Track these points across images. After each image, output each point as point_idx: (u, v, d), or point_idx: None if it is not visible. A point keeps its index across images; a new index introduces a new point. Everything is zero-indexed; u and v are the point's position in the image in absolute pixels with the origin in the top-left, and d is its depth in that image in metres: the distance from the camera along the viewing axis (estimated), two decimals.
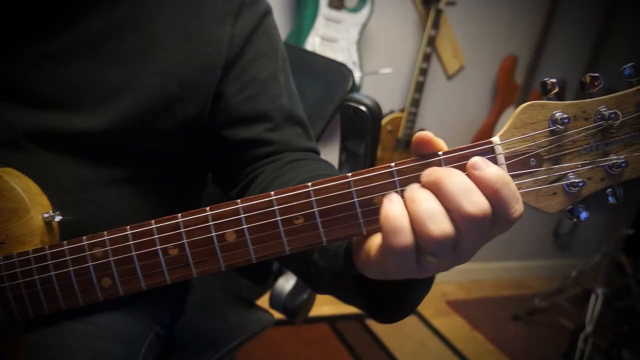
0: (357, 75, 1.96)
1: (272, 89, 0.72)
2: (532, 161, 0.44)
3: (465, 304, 2.60)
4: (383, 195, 0.44)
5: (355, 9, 1.92)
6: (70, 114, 0.62)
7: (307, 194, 0.46)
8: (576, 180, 0.43)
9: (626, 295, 2.50)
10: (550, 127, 0.43)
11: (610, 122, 0.43)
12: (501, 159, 0.43)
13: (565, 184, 0.44)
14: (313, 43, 1.86)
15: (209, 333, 0.98)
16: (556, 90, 0.44)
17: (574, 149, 0.44)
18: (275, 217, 0.46)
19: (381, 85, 2.18)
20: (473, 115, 2.47)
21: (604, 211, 2.96)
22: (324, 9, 1.85)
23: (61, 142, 0.63)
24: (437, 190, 0.40)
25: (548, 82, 0.45)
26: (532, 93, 2.51)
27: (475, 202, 0.39)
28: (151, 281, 0.49)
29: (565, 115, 0.43)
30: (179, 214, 0.48)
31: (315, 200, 0.46)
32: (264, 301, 1.10)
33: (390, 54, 2.17)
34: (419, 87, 2.16)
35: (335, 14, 1.88)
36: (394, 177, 0.44)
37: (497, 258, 2.88)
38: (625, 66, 0.44)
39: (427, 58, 2.13)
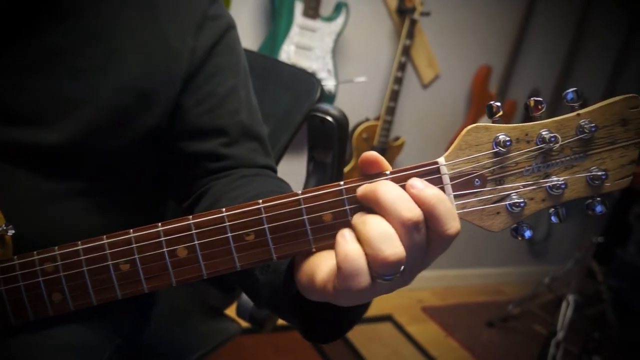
0: (331, 83, 1.98)
1: (232, 103, 0.72)
2: (477, 181, 0.45)
3: (440, 310, 2.63)
4: (332, 213, 0.45)
5: (330, 18, 1.94)
6: (27, 127, 0.62)
7: (257, 211, 0.46)
8: (518, 201, 0.45)
9: (597, 301, 2.55)
10: (494, 149, 0.45)
11: (550, 145, 0.44)
12: (446, 179, 0.44)
13: (508, 204, 0.45)
14: (288, 51, 1.87)
15: (175, 343, 0.98)
16: (501, 113, 0.46)
17: (517, 170, 0.45)
18: (227, 234, 0.47)
19: (356, 93, 2.20)
20: (448, 124, 2.50)
21: (576, 219, 3.01)
22: (298, 17, 1.86)
23: (17, 155, 0.62)
24: (374, 201, 0.42)
25: (493, 105, 0.46)
26: (507, 102, 2.55)
27: (411, 209, 0.40)
28: (102, 296, 0.49)
29: (508, 138, 0.44)
30: (131, 229, 0.48)
31: (266, 217, 0.46)
32: (232, 310, 1.10)
33: (365, 63, 2.19)
34: (394, 96, 2.18)
35: (309, 22, 1.89)
36: (342, 195, 0.45)
37: (472, 265, 2.91)
38: (568, 91, 0.46)
39: (402, 67, 2.15)
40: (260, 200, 0.46)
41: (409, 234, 0.40)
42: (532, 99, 0.46)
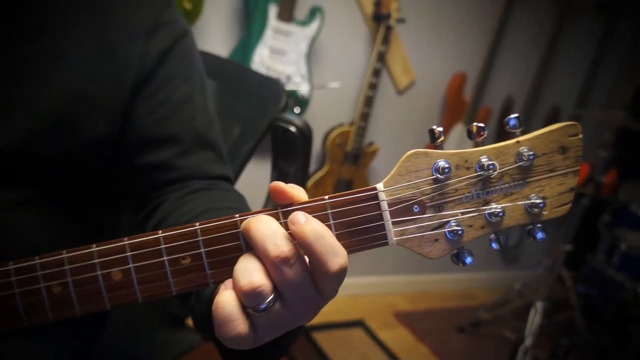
0: (305, 88, 1.97)
1: (186, 111, 0.71)
2: (415, 208, 0.44)
3: (411, 315, 2.64)
4: None
5: (305, 22, 1.93)
6: None
7: (194, 234, 0.45)
8: (457, 228, 0.44)
9: (567, 307, 2.58)
10: (433, 175, 0.44)
11: (488, 172, 0.44)
12: (384, 205, 0.44)
13: (447, 230, 0.45)
14: (261, 55, 1.86)
15: (132, 354, 0.96)
16: (442, 138, 0.45)
17: (456, 197, 0.45)
18: (163, 257, 0.46)
19: (331, 98, 2.19)
20: (423, 131, 2.51)
21: (548, 226, 3.04)
22: (272, 21, 1.85)
23: None
24: (247, 237, 0.42)
25: (435, 130, 0.45)
26: (481, 110, 2.57)
27: (279, 245, 0.41)
28: (33, 320, 0.48)
29: (448, 164, 0.44)
30: (64, 250, 0.47)
31: (203, 240, 0.45)
32: None
33: (340, 68, 2.19)
34: (368, 102, 2.18)
35: (284, 26, 1.88)
36: (280, 220, 0.44)
37: (444, 269, 2.93)
38: (509, 117, 0.45)
39: (376, 73, 2.15)
40: (197, 223, 0.45)
41: (277, 270, 0.41)
42: (474, 124, 0.46)
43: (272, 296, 0.41)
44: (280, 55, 1.90)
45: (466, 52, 2.50)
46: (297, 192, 0.44)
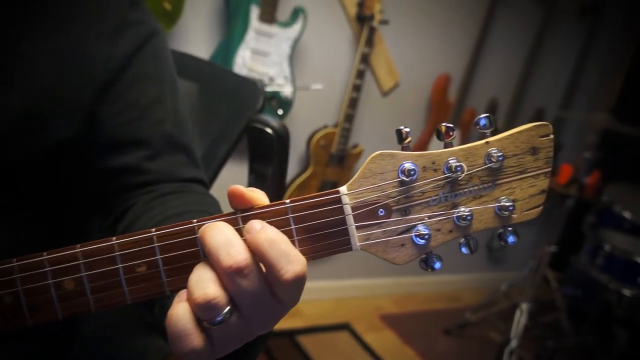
0: (289, 90, 1.95)
1: (155, 113, 0.69)
2: (381, 212, 0.43)
3: (398, 318, 2.62)
4: None
5: (287, 24, 1.91)
6: None
7: (150, 240, 0.43)
8: (424, 232, 0.43)
9: (552, 309, 2.58)
10: (399, 177, 0.42)
11: (456, 174, 0.42)
12: (348, 209, 0.42)
13: (414, 235, 0.43)
14: (243, 56, 1.84)
15: None
16: (409, 139, 0.44)
17: (423, 200, 0.43)
18: (117, 265, 0.44)
19: (315, 100, 2.18)
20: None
21: (534, 227, 3.06)
22: (254, 22, 1.83)
23: None
24: (202, 246, 0.41)
25: (402, 130, 0.44)
26: (466, 111, 2.57)
27: (233, 255, 0.39)
28: None
29: (414, 166, 0.42)
30: (15, 259, 0.45)
31: (159, 246, 0.43)
32: None
33: (324, 70, 2.18)
34: (353, 103, 2.17)
35: (266, 27, 1.86)
36: (239, 225, 0.42)
37: (431, 272, 2.91)
38: (480, 117, 0.44)
39: (360, 74, 2.14)
40: (154, 229, 0.43)
41: (231, 281, 0.39)
42: (443, 124, 0.44)
43: (228, 308, 0.40)
44: (262, 56, 1.88)
45: (450, 54, 2.50)
46: (257, 195, 0.43)
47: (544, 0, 2.61)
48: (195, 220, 0.43)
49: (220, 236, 0.40)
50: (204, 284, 0.39)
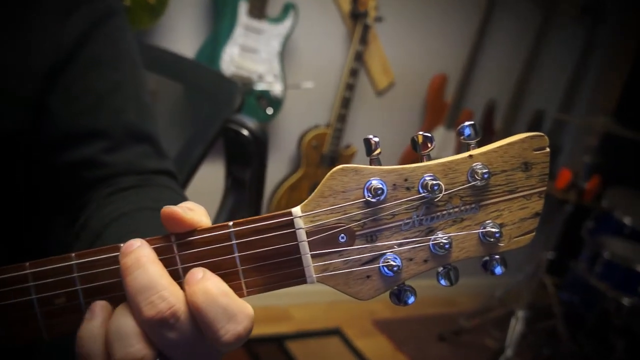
0: (278, 88, 1.88)
1: (114, 101, 0.62)
2: (342, 237, 0.36)
3: (391, 323, 2.56)
4: None
5: (277, 20, 1.84)
6: None
7: (69, 269, 0.36)
8: (394, 263, 0.36)
9: (549, 315, 2.52)
10: (365, 196, 0.36)
11: (433, 194, 0.35)
12: (302, 234, 0.35)
13: (382, 265, 0.36)
14: (231, 53, 1.77)
15: None
16: (379, 150, 0.37)
17: (393, 224, 0.36)
18: (31, 295, 0.37)
19: (306, 99, 2.11)
20: (402, 133, 2.43)
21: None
22: (243, 17, 1.76)
23: None
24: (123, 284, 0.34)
25: (372, 140, 0.37)
26: (463, 112, 2.50)
27: (155, 303, 0.33)
28: None
29: (382, 184, 0.35)
30: None
31: (79, 277, 0.36)
32: None
33: (315, 68, 2.10)
34: (346, 103, 2.10)
35: (255, 23, 1.79)
36: (174, 253, 0.36)
37: (425, 275, 2.85)
38: (463, 125, 0.37)
39: (354, 73, 2.07)
40: (74, 254, 0.36)
41: (155, 332, 0.33)
42: (420, 133, 0.38)
43: None
44: (251, 53, 1.81)
45: (447, 53, 2.43)
46: (196, 216, 0.36)
47: (543, 1, 2.54)
48: (123, 245, 0.36)
49: (143, 278, 0.33)
50: (126, 341, 0.33)
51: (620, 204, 2.40)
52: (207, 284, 0.33)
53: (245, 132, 0.89)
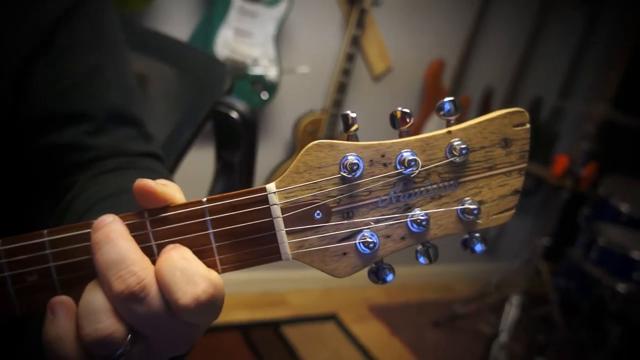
0: (273, 72, 1.87)
1: (96, 83, 0.61)
2: (318, 214, 0.35)
3: (387, 309, 2.57)
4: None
5: (272, 3, 1.82)
6: None
7: (41, 246, 0.36)
8: (370, 239, 0.35)
9: (545, 301, 2.53)
10: (342, 172, 0.35)
11: (411, 170, 0.35)
12: (276, 210, 0.35)
13: (359, 242, 0.36)
14: (225, 37, 1.75)
15: None
16: (356, 127, 0.36)
17: (370, 201, 0.36)
18: (3, 273, 0.36)
19: (302, 83, 2.09)
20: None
21: (529, 218, 2.99)
22: (237, 0, 1.74)
23: None
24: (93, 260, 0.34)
25: (349, 116, 0.36)
26: (460, 98, 2.49)
27: (124, 278, 0.32)
28: None
29: (359, 160, 0.35)
30: None
31: (51, 253, 0.36)
32: None
33: (311, 52, 2.09)
34: (341, 88, 2.08)
35: (249, 6, 1.77)
36: (147, 229, 0.35)
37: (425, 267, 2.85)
38: (443, 100, 0.36)
39: (350, 58, 2.05)
40: (46, 231, 0.36)
41: (125, 307, 0.32)
42: (399, 109, 0.37)
43: (128, 338, 0.33)
44: (245, 37, 1.79)
45: (445, 38, 2.41)
46: (170, 191, 0.35)
47: None
48: (95, 221, 0.36)
49: (112, 252, 0.33)
50: (96, 316, 0.33)
51: (617, 191, 2.40)
52: (171, 253, 0.33)
53: (234, 115, 0.88)
